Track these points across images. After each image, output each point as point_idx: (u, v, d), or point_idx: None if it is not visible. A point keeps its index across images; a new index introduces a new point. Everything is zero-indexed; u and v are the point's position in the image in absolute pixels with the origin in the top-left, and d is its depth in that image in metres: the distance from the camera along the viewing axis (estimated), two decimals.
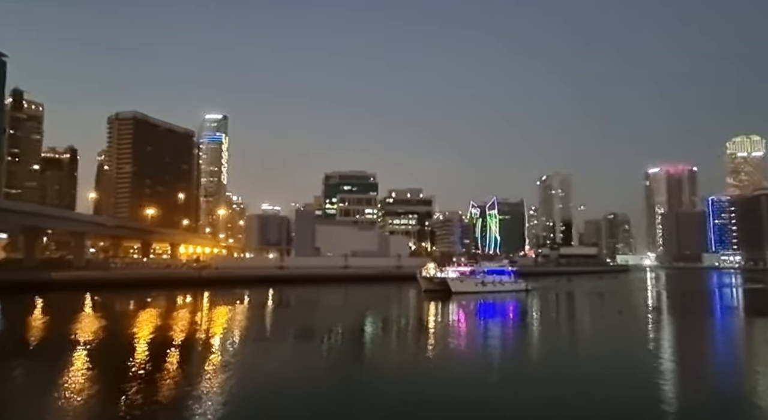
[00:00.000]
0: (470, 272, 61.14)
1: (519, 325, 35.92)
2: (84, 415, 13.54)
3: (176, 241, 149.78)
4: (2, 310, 42.80)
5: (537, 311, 45.40)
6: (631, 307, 49.78)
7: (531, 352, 25.12)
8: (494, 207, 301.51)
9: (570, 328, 36.16)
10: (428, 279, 59.59)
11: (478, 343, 28.07)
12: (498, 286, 59.37)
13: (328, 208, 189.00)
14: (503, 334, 31.26)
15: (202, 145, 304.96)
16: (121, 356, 21.65)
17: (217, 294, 57.06)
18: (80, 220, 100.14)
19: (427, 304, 48.18)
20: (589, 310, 50.20)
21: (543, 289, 73.99)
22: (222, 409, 14.06)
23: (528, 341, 28.79)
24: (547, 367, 20.73)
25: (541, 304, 52.08)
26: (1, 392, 16.11)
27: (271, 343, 26.79)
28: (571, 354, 24.25)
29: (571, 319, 43.21)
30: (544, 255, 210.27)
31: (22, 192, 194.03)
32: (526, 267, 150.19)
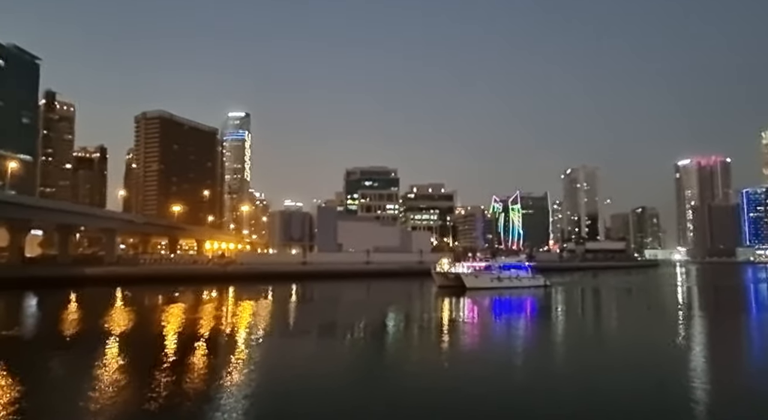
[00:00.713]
0: (485, 268, 59.83)
1: (539, 322, 34.93)
2: (116, 405, 13.96)
3: (202, 237, 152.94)
4: (39, 304, 44.56)
5: (558, 307, 44.32)
6: (660, 303, 48.40)
7: (553, 350, 24.07)
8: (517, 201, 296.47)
9: (594, 325, 35.15)
10: (442, 274, 58.63)
11: (498, 339, 27.66)
12: (514, 282, 58.07)
13: (349, 204, 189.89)
14: (523, 331, 30.51)
15: (226, 142, 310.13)
16: (151, 349, 22.35)
17: (242, 289, 58.05)
18: (110, 218, 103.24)
19: (441, 300, 47.17)
20: (616, 306, 48.59)
21: (567, 285, 72.73)
22: (247, 402, 14.31)
23: (550, 338, 27.83)
24: (570, 365, 20.29)
25: (563, 300, 50.90)
26: (39, 382, 16.77)
27: (295, 338, 27.11)
28: (594, 352, 23.32)
29: (596, 315, 42.02)
30: (570, 250, 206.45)
31: (56, 190, 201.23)
32: (551, 262, 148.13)
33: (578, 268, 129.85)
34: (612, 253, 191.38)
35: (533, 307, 44.07)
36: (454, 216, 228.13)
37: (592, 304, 50.06)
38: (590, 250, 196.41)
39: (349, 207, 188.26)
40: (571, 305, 46.99)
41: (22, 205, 76.67)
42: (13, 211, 72.78)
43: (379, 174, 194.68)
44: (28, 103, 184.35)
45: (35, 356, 21.79)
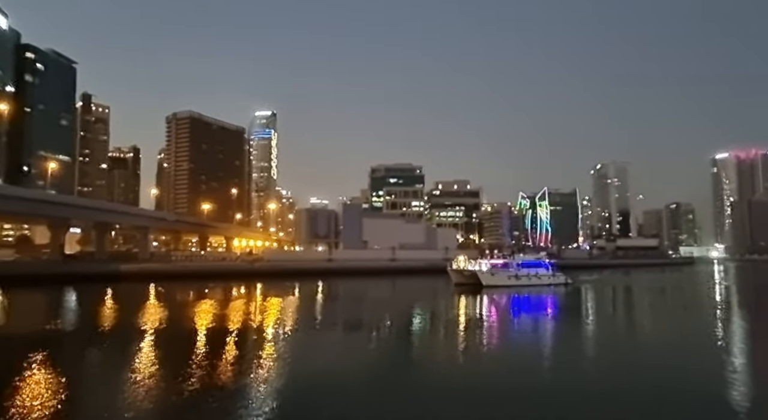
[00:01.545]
0: (503, 265, 58.60)
1: (560, 322, 33.66)
2: (149, 395, 14.51)
3: (230, 234, 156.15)
4: (78, 299, 46.52)
5: (581, 306, 42.87)
6: (696, 302, 46.66)
7: (580, 351, 23.03)
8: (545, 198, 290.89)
9: (621, 325, 33.67)
10: (459, 272, 57.63)
11: (513, 340, 27.01)
12: (534, 280, 56.58)
13: (374, 202, 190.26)
14: (542, 331, 29.44)
15: (253, 141, 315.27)
16: (183, 343, 23.15)
17: (269, 286, 59.08)
18: (144, 216, 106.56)
19: (458, 298, 46.29)
20: (647, 305, 46.58)
21: (596, 283, 71.01)
22: (275, 394, 14.71)
23: (568, 340, 26.34)
24: (599, 366, 19.86)
25: (587, 298, 49.47)
26: (77, 373, 17.57)
27: (321, 334, 27.47)
28: (623, 353, 22.33)
29: (624, 314, 40.60)
30: (600, 247, 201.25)
31: (93, 190, 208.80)
32: (580, 259, 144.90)
33: (609, 266, 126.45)
34: (644, 250, 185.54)
35: (553, 306, 43.06)
36: (480, 213, 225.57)
37: (620, 303, 48.56)
38: (621, 247, 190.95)
39: (374, 204, 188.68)
40: (595, 304, 45.54)
41: (62, 204, 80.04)
42: (53, 210, 76.06)
43: (404, 171, 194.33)
44: (66, 106, 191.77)
45: (75, 349, 22.86)
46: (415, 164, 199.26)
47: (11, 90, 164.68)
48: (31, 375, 17.01)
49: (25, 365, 18.06)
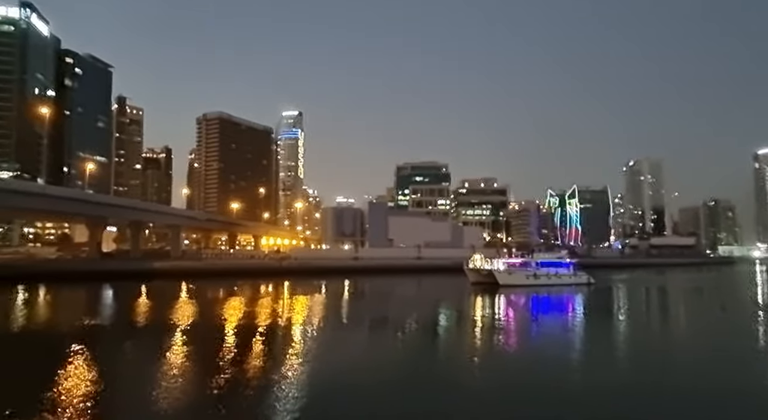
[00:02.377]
0: (521, 264, 57.40)
1: (585, 323, 32.35)
2: (181, 389, 14.94)
3: (259, 233, 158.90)
4: (115, 295, 48.28)
5: (606, 306, 41.14)
6: (736, 303, 44.69)
7: (609, 354, 22.26)
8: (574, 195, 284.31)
9: (654, 326, 32.25)
10: (475, 271, 56.79)
11: (535, 340, 26.43)
12: (553, 279, 55.08)
13: (400, 200, 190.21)
14: (561, 333, 28.25)
15: (280, 141, 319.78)
16: (214, 339, 23.71)
17: (297, 283, 59.84)
18: (176, 215, 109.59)
19: (474, 297, 45.55)
20: (682, 306, 44.94)
21: (628, 282, 69.02)
22: (302, 391, 14.90)
23: (597, 342, 25.41)
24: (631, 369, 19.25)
25: (615, 298, 47.80)
26: (114, 366, 18.24)
27: (348, 332, 27.67)
28: (655, 357, 21.32)
29: (657, 315, 39.12)
30: (632, 245, 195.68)
31: (128, 189, 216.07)
32: (611, 258, 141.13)
33: (642, 265, 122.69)
34: (680, 249, 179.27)
35: (573, 307, 41.57)
36: (507, 211, 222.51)
37: (651, 303, 47.00)
38: (655, 246, 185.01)
39: (399, 203, 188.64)
40: (620, 304, 43.84)
41: (100, 204, 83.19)
42: (92, 209, 79.15)
43: (429, 169, 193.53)
44: (103, 109, 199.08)
45: (113, 343, 23.76)
46: (441, 162, 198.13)
47: (52, 94, 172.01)
48: (72, 367, 17.80)
49: (66, 358, 18.95)
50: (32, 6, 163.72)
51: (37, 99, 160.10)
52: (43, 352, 21.55)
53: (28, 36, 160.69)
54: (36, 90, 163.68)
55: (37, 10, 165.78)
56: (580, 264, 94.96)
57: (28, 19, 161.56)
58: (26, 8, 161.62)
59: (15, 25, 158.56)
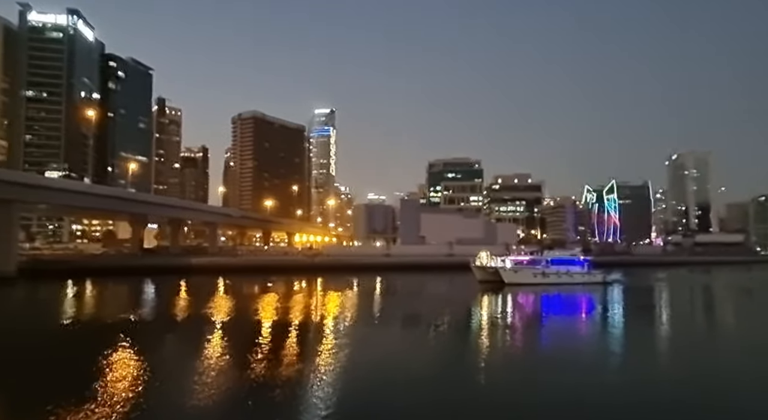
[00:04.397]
0: (528, 262, 55.07)
1: (592, 325, 30.60)
2: (217, 381, 15.25)
3: (292, 230, 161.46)
4: (156, 290, 50.04)
5: (622, 307, 38.57)
6: None
7: (643, 360, 21.57)
8: (613, 191, 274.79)
9: (689, 332, 29.19)
10: (482, 268, 54.92)
11: (542, 341, 25.61)
12: (564, 278, 52.40)
13: (432, 197, 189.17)
14: (570, 334, 27.33)
15: (312, 139, 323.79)
16: (249, 333, 24.23)
17: (329, 280, 60.36)
18: (212, 212, 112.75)
19: (481, 295, 44.39)
20: (732, 307, 42.27)
21: (670, 281, 66.06)
22: (334, 387, 14.91)
23: (642, 345, 24.26)
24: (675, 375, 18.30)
25: (631, 298, 44.93)
26: (155, 358, 18.81)
27: (379, 329, 27.60)
28: (695, 364, 20.03)
29: (696, 318, 36.57)
30: (675, 243, 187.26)
31: (167, 188, 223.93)
32: (652, 256, 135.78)
33: (685, 263, 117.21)
34: (727, 246, 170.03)
35: (590, 306, 39.38)
36: (542, 207, 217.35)
37: (690, 305, 43.79)
38: (700, 244, 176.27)
39: (431, 199, 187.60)
40: (640, 305, 40.44)
41: (142, 202, 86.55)
42: (134, 207, 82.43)
43: (462, 165, 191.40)
44: (144, 110, 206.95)
45: (154, 336, 24.60)
46: (473, 158, 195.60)
47: (97, 97, 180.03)
48: (117, 358, 18.54)
49: (112, 349, 19.76)
50: (78, 13, 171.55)
51: (84, 102, 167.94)
52: (91, 343, 22.57)
53: (75, 42, 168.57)
54: (82, 93, 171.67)
55: (83, 16, 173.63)
56: (619, 262, 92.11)
57: (74, 26, 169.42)
58: (73, 15, 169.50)
59: (63, 31, 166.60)
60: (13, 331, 27.29)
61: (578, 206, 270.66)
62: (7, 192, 56.14)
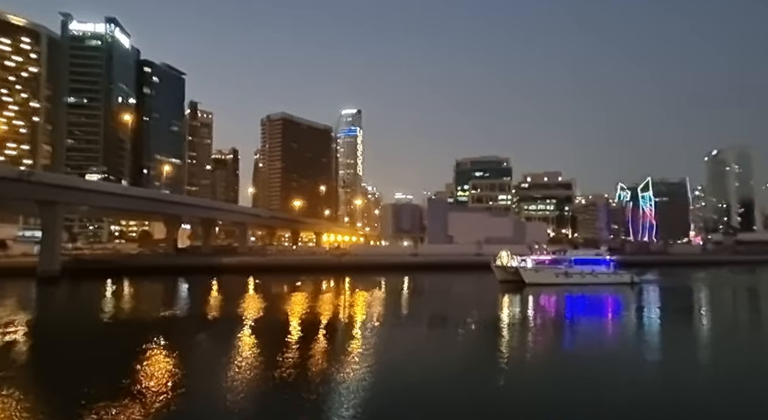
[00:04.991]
0: (551, 261, 53.28)
1: (618, 326, 29.61)
2: (249, 379, 15.62)
3: (320, 230, 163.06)
4: (189, 289, 51.44)
5: (649, 309, 36.68)
6: None
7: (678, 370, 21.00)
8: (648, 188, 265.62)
9: (741, 335, 27.80)
10: (502, 268, 53.55)
11: (563, 343, 24.84)
12: (588, 278, 50.52)
13: (459, 196, 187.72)
14: (595, 336, 26.37)
15: (339, 139, 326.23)
16: (279, 332, 24.68)
17: (357, 279, 60.61)
18: (242, 212, 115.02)
19: (501, 295, 43.49)
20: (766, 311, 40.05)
21: (709, 281, 63.26)
22: (362, 387, 14.97)
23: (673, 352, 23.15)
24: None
25: (661, 299, 42.87)
26: (189, 356, 19.36)
27: (407, 329, 27.56)
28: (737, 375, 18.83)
29: (745, 321, 34.52)
30: (716, 241, 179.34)
31: (199, 189, 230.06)
32: (691, 255, 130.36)
33: (727, 263, 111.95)
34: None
35: (611, 308, 37.96)
36: (573, 205, 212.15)
37: (724, 307, 41.36)
38: (743, 242, 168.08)
39: (459, 198, 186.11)
40: (675, 306, 38.49)
41: (175, 203, 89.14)
42: (168, 208, 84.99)
43: (490, 163, 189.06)
44: (177, 114, 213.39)
45: (187, 333, 25.31)
46: (502, 156, 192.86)
47: (133, 102, 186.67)
48: (152, 355, 19.22)
49: (147, 346, 20.50)
50: (116, 21, 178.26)
51: (121, 107, 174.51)
52: (130, 339, 23.39)
53: (112, 49, 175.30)
54: (119, 99, 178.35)
55: (120, 24, 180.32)
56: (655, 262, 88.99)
57: (112, 34, 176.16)
58: (111, 23, 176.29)
59: (102, 39, 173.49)
60: (60, 327, 28.63)
61: (611, 204, 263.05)
62: (52, 194, 58.82)
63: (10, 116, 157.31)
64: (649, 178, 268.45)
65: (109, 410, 12.62)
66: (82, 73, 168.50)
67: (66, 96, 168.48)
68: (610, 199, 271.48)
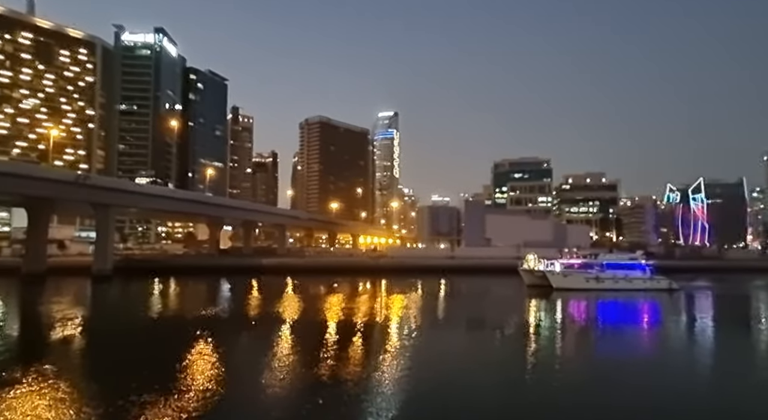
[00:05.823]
0: (581, 265, 50.77)
1: (660, 334, 27.92)
2: (286, 378, 15.90)
3: (356, 232, 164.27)
4: (231, 289, 53.00)
5: (716, 318, 34.04)
6: None
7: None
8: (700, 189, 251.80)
9: None
10: (530, 272, 51.47)
11: (603, 349, 23.59)
12: (621, 284, 47.82)
13: (497, 198, 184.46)
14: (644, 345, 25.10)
15: (376, 141, 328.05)
16: (317, 332, 25.01)
17: (393, 281, 60.57)
18: (281, 214, 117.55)
19: (528, 300, 41.92)
20: None
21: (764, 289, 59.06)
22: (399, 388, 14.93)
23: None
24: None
25: (738, 308, 39.65)
26: (230, 353, 19.92)
27: (444, 332, 27.29)
28: None
29: None
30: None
31: (240, 192, 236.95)
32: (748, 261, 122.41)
33: None
34: None
35: (647, 315, 35.72)
36: (618, 208, 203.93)
37: None
38: None
39: (497, 201, 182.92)
40: (727, 316, 35.66)
41: (218, 205, 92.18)
42: (211, 210, 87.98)
43: (529, 165, 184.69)
44: (220, 118, 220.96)
45: (229, 331, 26.05)
46: (542, 157, 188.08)
47: (179, 108, 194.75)
48: (195, 352, 19.96)
49: (190, 343, 21.37)
50: (164, 31, 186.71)
51: (168, 113, 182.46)
52: (175, 335, 24.49)
53: (161, 58, 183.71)
54: (167, 105, 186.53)
55: (167, 34, 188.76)
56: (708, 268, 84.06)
57: (160, 43, 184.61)
58: (159, 33, 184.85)
59: (151, 49, 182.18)
60: (112, 323, 30.19)
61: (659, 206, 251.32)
62: (106, 197, 62.15)
63: (68, 123, 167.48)
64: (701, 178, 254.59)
65: (154, 404, 13.16)
66: (133, 81, 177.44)
67: (118, 103, 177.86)
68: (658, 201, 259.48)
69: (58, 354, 20.48)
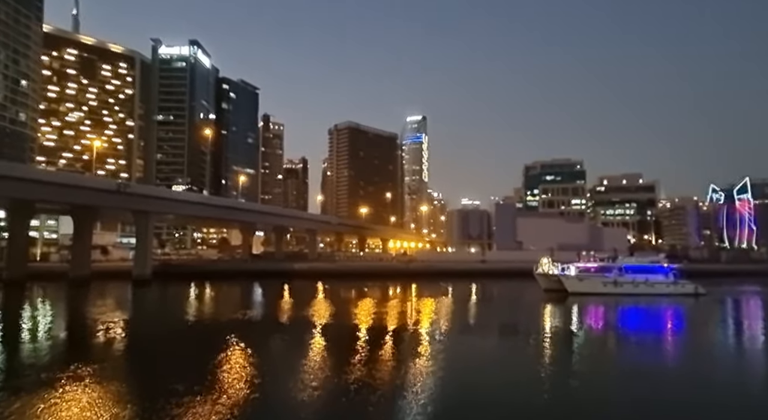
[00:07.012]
0: (598, 269, 48.82)
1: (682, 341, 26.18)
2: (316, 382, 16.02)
3: (386, 236, 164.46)
4: (263, 293, 54.02)
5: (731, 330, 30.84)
6: None
7: None
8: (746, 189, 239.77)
9: None
10: (545, 276, 49.84)
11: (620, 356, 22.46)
12: (641, 288, 45.57)
13: (529, 201, 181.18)
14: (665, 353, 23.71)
15: (405, 146, 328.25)
16: (348, 336, 25.18)
17: (423, 286, 60.31)
18: (312, 220, 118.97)
19: (543, 305, 40.66)
20: None
21: None
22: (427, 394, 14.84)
23: None
24: None
25: (739, 315, 37.27)
26: (263, 356, 20.27)
27: (476, 338, 26.93)
28: None
29: None
30: None
31: (271, 198, 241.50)
32: None
33: None
34: None
35: (670, 321, 33.72)
36: (657, 210, 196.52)
37: None
38: None
39: (528, 203, 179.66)
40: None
41: (250, 211, 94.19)
42: (244, 216, 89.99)
43: (562, 166, 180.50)
44: (251, 126, 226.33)
45: (261, 334, 26.57)
46: (575, 159, 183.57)
47: (213, 117, 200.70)
48: (229, 354, 20.42)
49: (225, 345, 21.92)
50: (198, 43, 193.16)
51: (202, 122, 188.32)
52: (210, 337, 25.08)
53: (195, 69, 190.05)
54: (201, 115, 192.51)
55: (201, 46, 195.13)
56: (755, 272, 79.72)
57: (195, 55, 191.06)
58: (194, 46, 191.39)
59: (186, 61, 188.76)
60: (152, 325, 31.27)
61: (702, 208, 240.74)
62: (145, 204, 64.58)
63: (109, 134, 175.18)
64: (747, 178, 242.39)
65: (193, 404, 13.56)
66: (170, 93, 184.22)
67: (156, 114, 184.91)
68: (701, 203, 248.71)
69: (102, 354, 21.40)
